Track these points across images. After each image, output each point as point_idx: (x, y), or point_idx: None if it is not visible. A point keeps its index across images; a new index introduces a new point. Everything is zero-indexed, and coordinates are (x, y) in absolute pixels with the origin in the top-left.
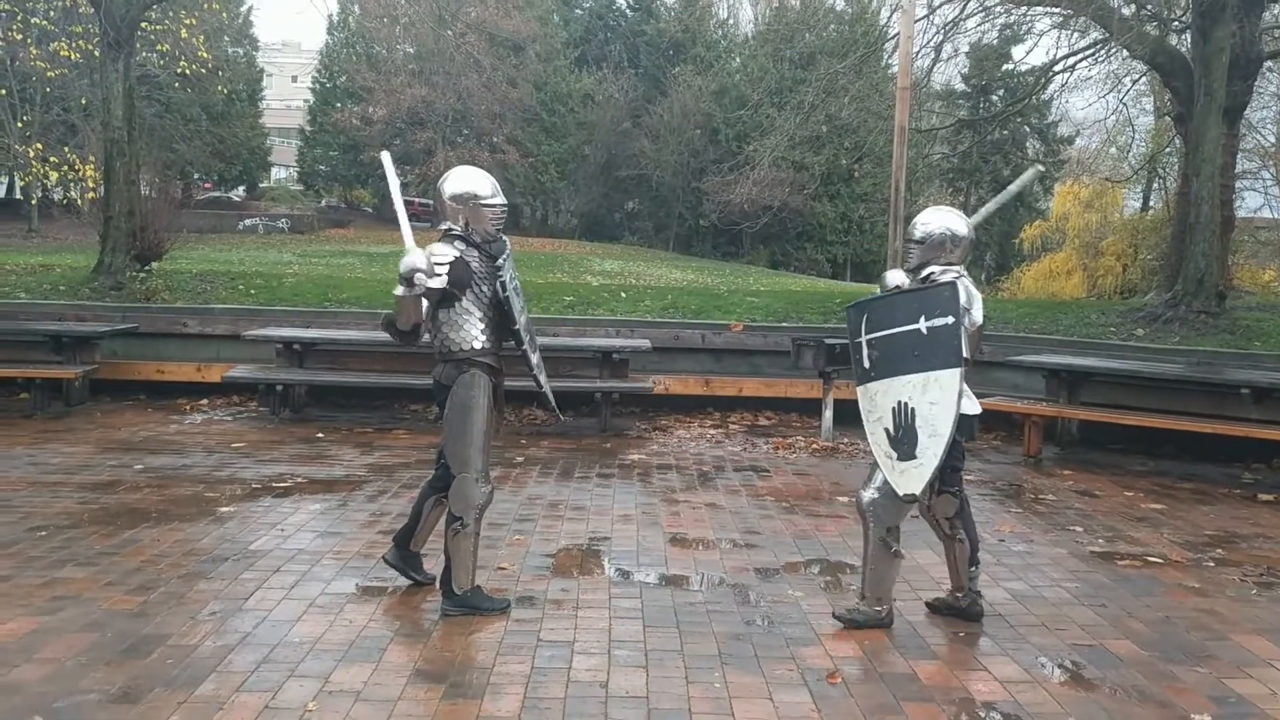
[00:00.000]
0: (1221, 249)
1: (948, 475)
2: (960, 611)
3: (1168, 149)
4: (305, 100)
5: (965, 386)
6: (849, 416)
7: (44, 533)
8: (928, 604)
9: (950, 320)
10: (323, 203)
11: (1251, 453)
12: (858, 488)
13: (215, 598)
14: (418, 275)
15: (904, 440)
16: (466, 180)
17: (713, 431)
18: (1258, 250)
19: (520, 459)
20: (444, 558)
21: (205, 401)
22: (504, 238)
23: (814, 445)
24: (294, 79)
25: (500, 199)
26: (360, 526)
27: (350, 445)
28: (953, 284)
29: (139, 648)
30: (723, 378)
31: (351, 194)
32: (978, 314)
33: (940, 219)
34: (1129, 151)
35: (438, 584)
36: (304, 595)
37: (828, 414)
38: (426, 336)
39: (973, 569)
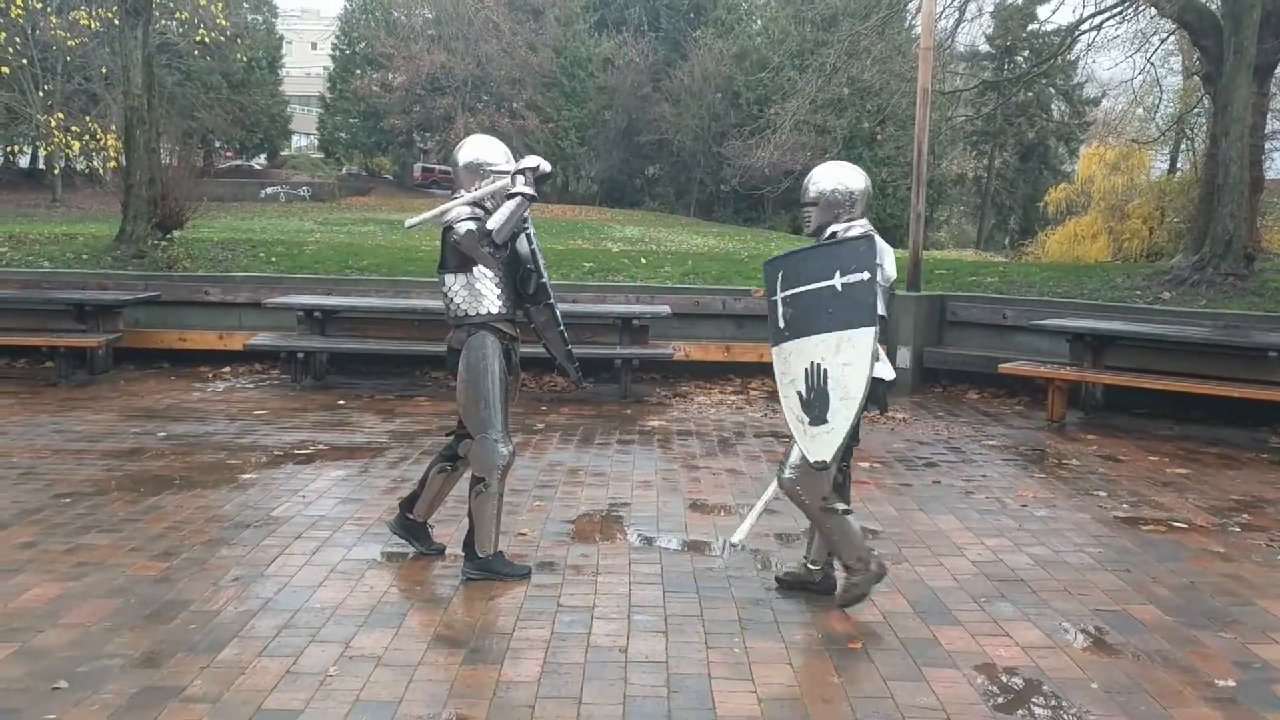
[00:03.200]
0: (1250, 210)
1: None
2: (811, 586)
3: (1196, 109)
4: (325, 67)
5: (880, 348)
6: None
7: (68, 500)
8: (778, 579)
9: (865, 276)
10: (343, 170)
11: (1279, 416)
12: (777, 471)
13: (237, 564)
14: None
15: (815, 403)
16: (479, 149)
17: (733, 398)
18: None
19: (541, 425)
20: (467, 520)
21: (227, 369)
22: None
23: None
24: (313, 46)
25: (513, 166)
26: (381, 493)
27: (371, 412)
28: (869, 237)
29: (162, 613)
30: (743, 344)
31: (372, 161)
32: (890, 269)
33: (832, 175)
34: (1156, 112)
35: (462, 546)
36: (325, 561)
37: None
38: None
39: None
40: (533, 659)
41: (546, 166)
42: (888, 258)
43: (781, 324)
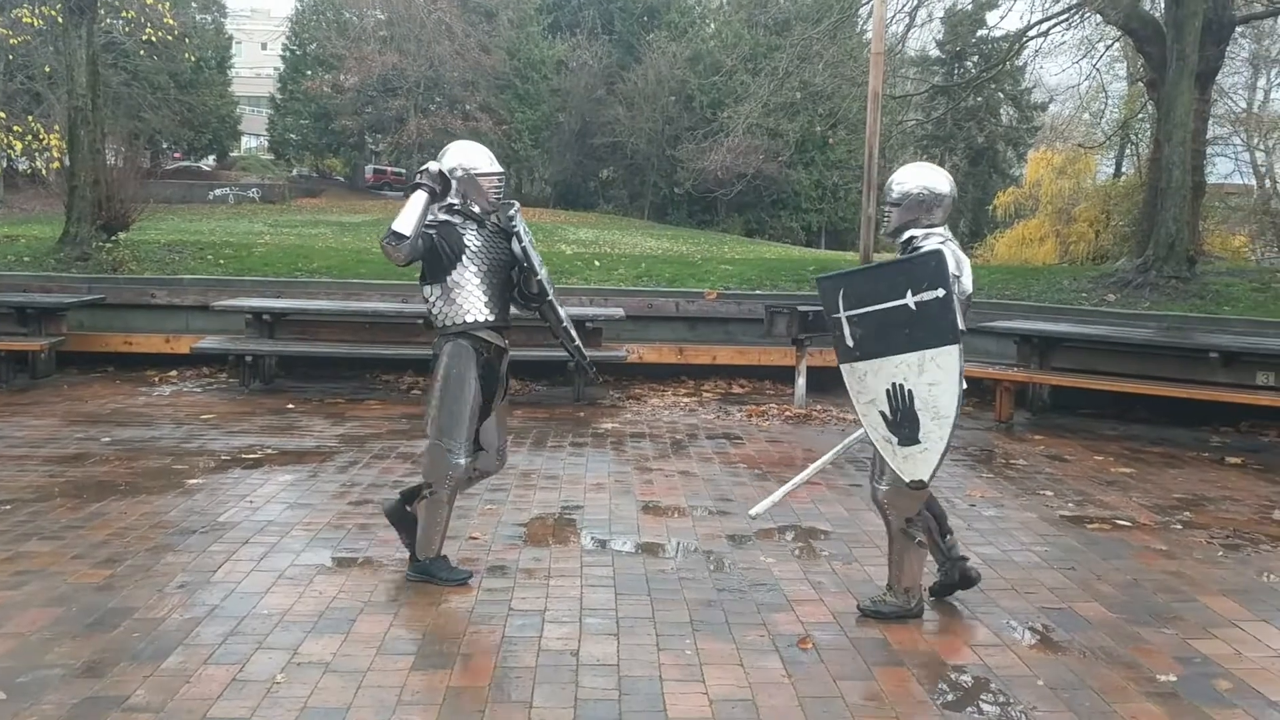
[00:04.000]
0: (1192, 214)
1: None
2: (956, 585)
3: (1140, 115)
4: (275, 68)
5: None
6: (822, 383)
7: (9, 507)
8: (930, 590)
9: (941, 293)
10: (294, 172)
11: (1220, 416)
12: (869, 479)
13: (183, 570)
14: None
15: (904, 424)
16: (461, 154)
17: (686, 399)
18: (1228, 216)
19: None
20: (417, 527)
21: (174, 373)
22: (511, 200)
23: (787, 412)
24: (264, 46)
25: (496, 168)
26: (331, 498)
27: (321, 416)
28: (938, 252)
29: (105, 621)
30: (696, 346)
31: (323, 163)
32: (968, 282)
33: (918, 177)
34: (1102, 118)
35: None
36: (273, 567)
37: (801, 381)
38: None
39: (948, 538)
40: (483, 663)
41: (434, 167)
42: (965, 270)
43: (850, 343)
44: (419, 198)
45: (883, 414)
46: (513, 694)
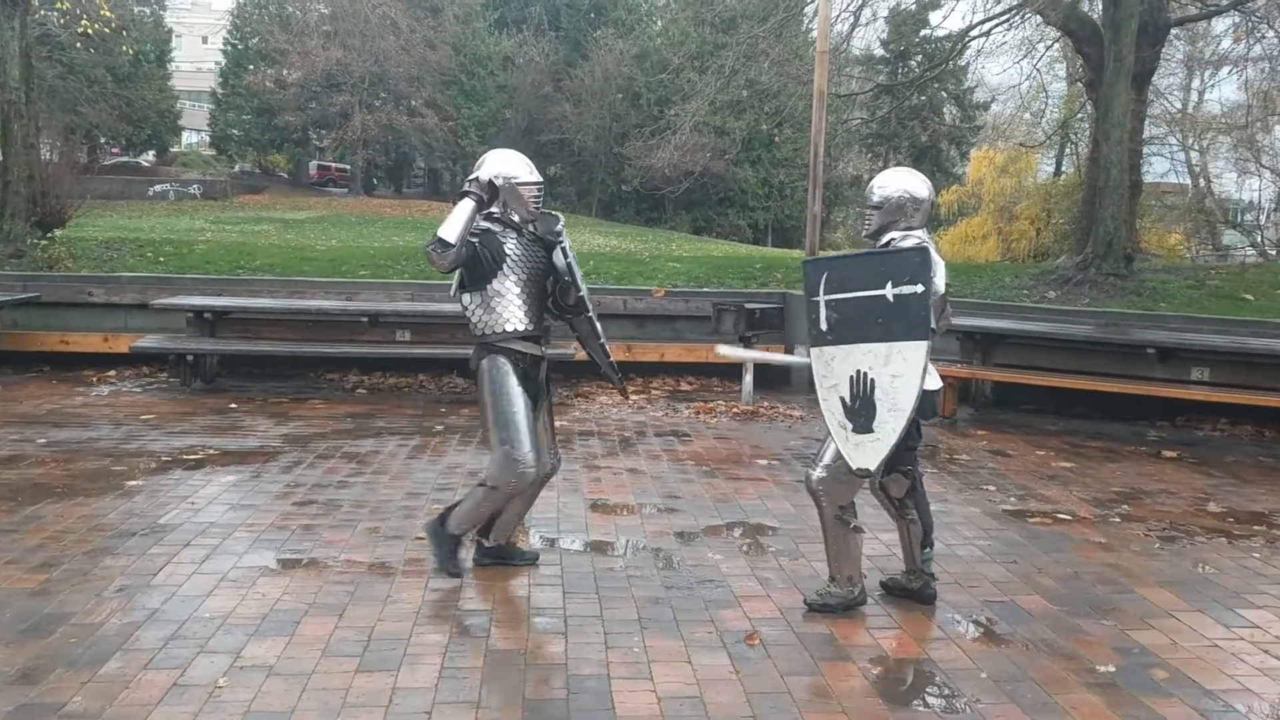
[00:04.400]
0: (1130, 213)
1: (902, 454)
2: (912, 594)
3: (1079, 114)
4: (217, 62)
5: (930, 365)
6: (769, 380)
7: None
8: (882, 584)
9: (919, 289)
10: (236, 168)
11: (1157, 411)
12: (807, 466)
13: (122, 574)
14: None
15: (861, 412)
16: (502, 163)
17: (635, 397)
18: (1164, 214)
19: (440, 427)
20: (462, 493)
21: (113, 373)
22: (555, 213)
23: (734, 409)
24: (204, 40)
25: (536, 177)
26: (274, 499)
27: (264, 416)
28: (923, 249)
29: (40, 627)
30: (645, 343)
31: (266, 159)
32: (940, 283)
33: (898, 181)
34: (1042, 117)
35: (442, 509)
36: (215, 569)
37: (748, 378)
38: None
39: (926, 551)
40: (430, 664)
41: (483, 175)
42: (939, 272)
43: (824, 326)
44: (466, 205)
45: (843, 399)
46: (460, 695)
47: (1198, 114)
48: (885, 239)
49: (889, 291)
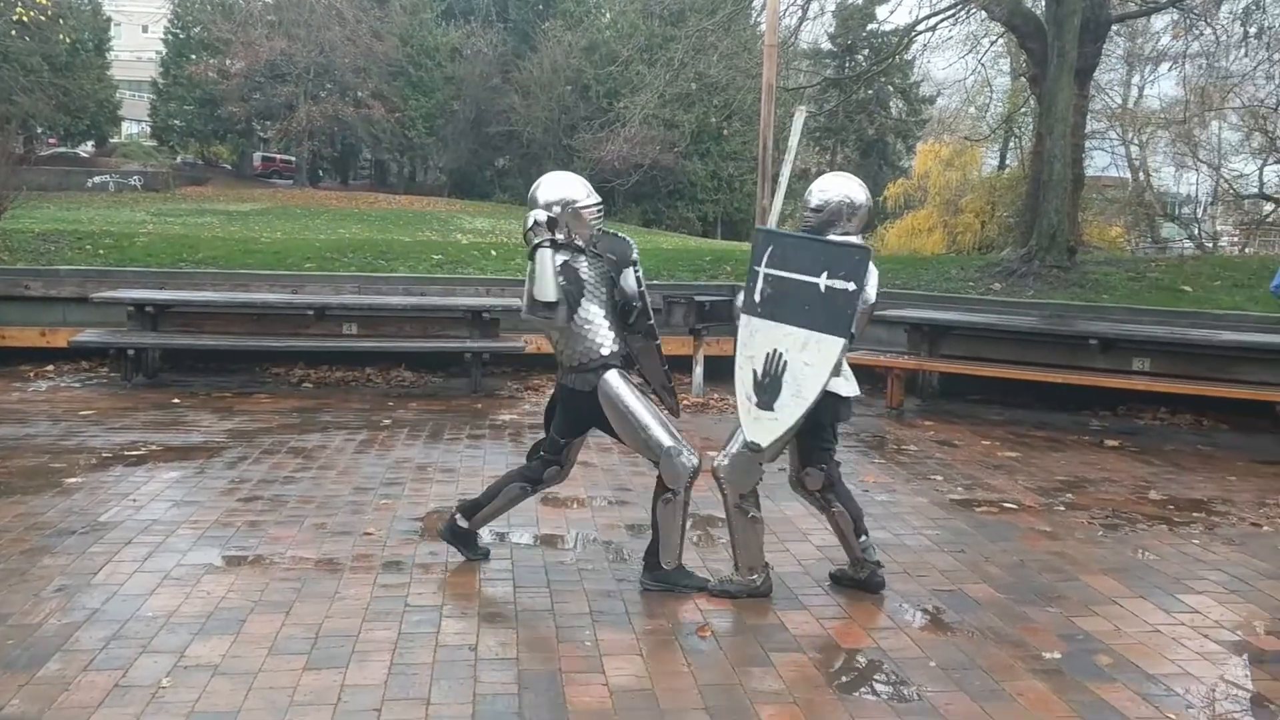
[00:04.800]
0: (1072, 206)
1: (816, 452)
2: (860, 584)
3: (1023, 109)
4: (157, 51)
5: (846, 366)
6: (720, 372)
7: None
8: (831, 575)
9: (851, 287)
10: (178, 159)
11: (1099, 400)
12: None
13: (61, 573)
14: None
15: (768, 389)
16: (560, 188)
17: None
18: (1105, 208)
19: (387, 421)
20: (651, 532)
21: (51, 368)
22: (626, 238)
23: (685, 401)
24: (144, 29)
25: (595, 198)
26: (219, 494)
27: (208, 410)
28: (866, 249)
29: None
30: None
31: (209, 150)
32: (872, 293)
33: (839, 186)
34: (987, 111)
35: (643, 556)
36: (158, 568)
37: (698, 370)
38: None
39: (863, 539)
40: (379, 661)
41: (541, 216)
42: (872, 281)
43: (757, 298)
44: (546, 257)
45: (755, 372)
46: (410, 691)
47: (1137, 109)
48: None
49: (823, 281)
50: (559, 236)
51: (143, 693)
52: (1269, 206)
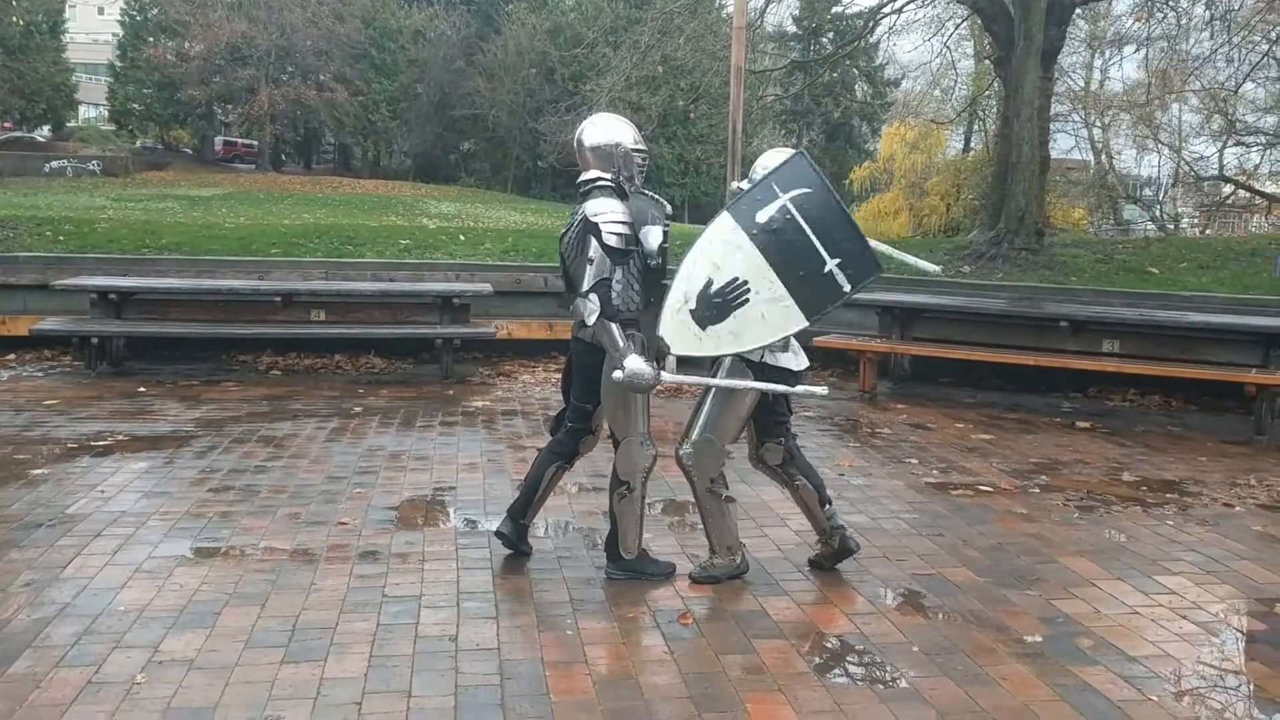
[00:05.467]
0: (1040, 189)
1: (772, 426)
2: (837, 554)
3: (987, 92)
4: (114, 34)
5: (795, 343)
6: (693, 358)
7: None
8: (810, 561)
9: (848, 287)
10: (138, 144)
11: (1070, 382)
12: (676, 442)
13: (29, 567)
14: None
15: (713, 308)
16: (612, 129)
17: (558, 376)
18: (1069, 190)
19: (358, 409)
20: (609, 522)
21: (12, 357)
22: (654, 196)
23: (658, 387)
24: (100, 11)
25: (644, 144)
26: (189, 485)
27: (175, 399)
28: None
29: None
30: (567, 321)
31: (169, 134)
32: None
33: (782, 161)
34: (952, 94)
35: (603, 546)
36: (129, 560)
37: (671, 359)
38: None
39: (827, 508)
40: (358, 653)
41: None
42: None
43: (761, 218)
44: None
45: (709, 281)
46: (390, 683)
47: (1100, 92)
48: None
49: (831, 265)
50: (605, 178)
51: (117, 689)
52: (1228, 188)
